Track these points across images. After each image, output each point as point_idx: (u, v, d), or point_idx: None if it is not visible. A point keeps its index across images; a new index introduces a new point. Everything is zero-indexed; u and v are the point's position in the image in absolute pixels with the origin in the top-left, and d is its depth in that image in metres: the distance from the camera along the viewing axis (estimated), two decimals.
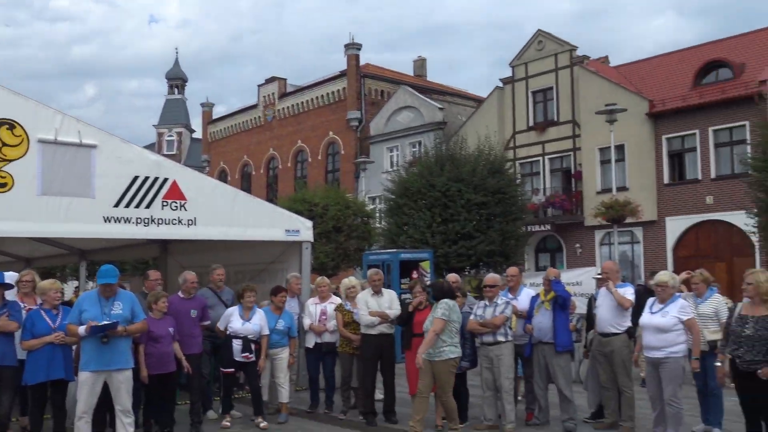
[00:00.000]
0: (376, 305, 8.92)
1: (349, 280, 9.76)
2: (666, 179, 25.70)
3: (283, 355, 9.12)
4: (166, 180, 9.73)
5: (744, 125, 23.65)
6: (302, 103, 40.49)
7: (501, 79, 30.84)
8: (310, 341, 9.68)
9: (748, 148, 21.40)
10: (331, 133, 38.56)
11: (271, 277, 11.45)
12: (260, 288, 9.40)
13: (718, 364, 6.89)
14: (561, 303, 8.24)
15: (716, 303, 8.03)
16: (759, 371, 6.17)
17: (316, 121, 39.49)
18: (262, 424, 8.59)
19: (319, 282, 10.09)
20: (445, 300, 7.81)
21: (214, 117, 49.02)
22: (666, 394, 7.22)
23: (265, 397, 9.23)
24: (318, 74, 59.07)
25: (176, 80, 64.78)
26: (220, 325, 8.81)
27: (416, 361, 7.71)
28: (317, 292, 9.99)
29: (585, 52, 30.50)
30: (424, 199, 22.06)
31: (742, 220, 20.38)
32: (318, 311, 9.67)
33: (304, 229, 11.42)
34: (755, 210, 17.71)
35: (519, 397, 9.20)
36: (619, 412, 8.10)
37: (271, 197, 36.45)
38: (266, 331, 8.82)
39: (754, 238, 20.12)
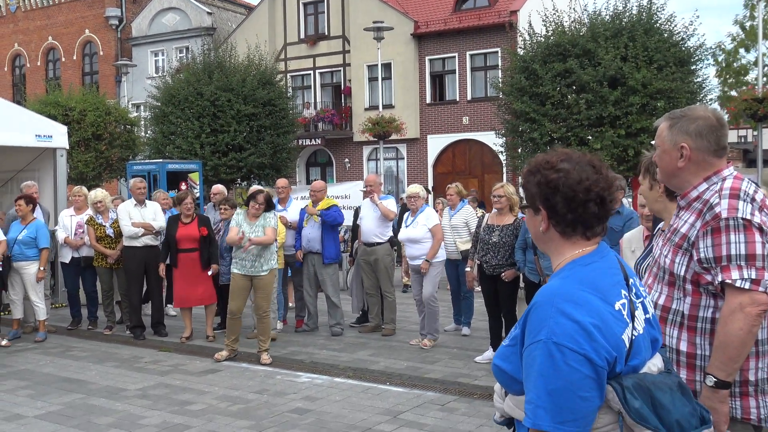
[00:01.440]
0: (140, 216, 8.56)
1: (95, 194, 8.99)
2: (428, 99, 27.05)
3: (30, 269, 8.45)
4: None
5: (496, 51, 25.40)
6: None
7: None
8: (66, 256, 9.10)
9: (499, 73, 23.14)
10: (87, 31, 35.18)
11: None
12: (8, 198, 8.57)
13: (468, 269, 7.63)
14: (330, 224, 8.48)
15: (466, 214, 8.75)
16: (503, 274, 6.94)
17: (70, 17, 35.73)
18: (3, 342, 8.11)
19: (75, 191, 9.43)
20: (273, 211, 7.68)
21: None
22: (425, 294, 7.87)
23: (19, 314, 8.63)
24: None
25: None
26: None
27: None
28: (73, 202, 9.33)
29: None
30: (191, 108, 21.24)
31: (492, 139, 22.17)
32: (74, 223, 9.07)
33: (57, 134, 10.54)
34: (503, 131, 19.35)
35: (290, 304, 9.48)
36: (381, 316, 8.68)
37: (19, 99, 32.80)
38: (1, 237, 8.20)
39: (502, 157, 22.10)
